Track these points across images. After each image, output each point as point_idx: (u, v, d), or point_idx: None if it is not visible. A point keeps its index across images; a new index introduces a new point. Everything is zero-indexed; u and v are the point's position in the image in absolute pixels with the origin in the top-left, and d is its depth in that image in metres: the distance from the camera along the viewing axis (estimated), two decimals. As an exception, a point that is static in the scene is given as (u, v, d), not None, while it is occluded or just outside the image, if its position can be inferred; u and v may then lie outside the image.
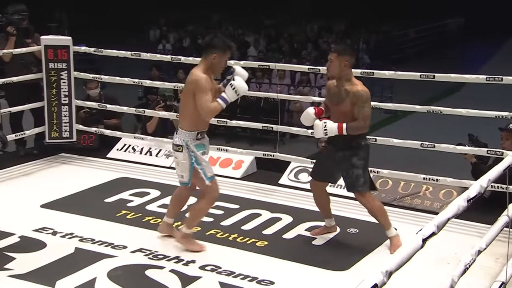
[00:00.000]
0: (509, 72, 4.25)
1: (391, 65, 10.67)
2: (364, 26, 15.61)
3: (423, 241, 1.79)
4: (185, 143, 3.41)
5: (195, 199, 3.78)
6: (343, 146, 3.54)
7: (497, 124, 4.40)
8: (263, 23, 16.81)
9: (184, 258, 3.45)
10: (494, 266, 3.25)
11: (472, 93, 9.72)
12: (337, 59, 3.48)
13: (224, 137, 9.05)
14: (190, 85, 3.37)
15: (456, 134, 4.80)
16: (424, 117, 5.71)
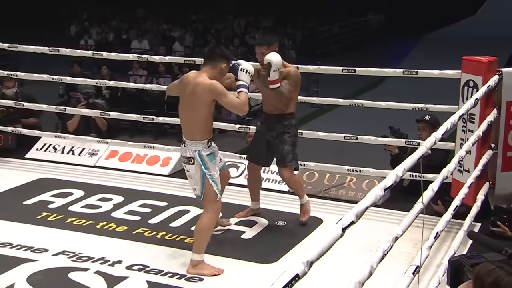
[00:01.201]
0: (426, 66, 4.45)
1: (317, 60, 10.88)
2: (290, 22, 15.84)
3: (343, 230, 1.80)
4: (198, 152, 3.29)
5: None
6: (275, 125, 3.78)
7: (416, 116, 4.58)
8: (190, 18, 16.63)
9: (110, 258, 3.37)
10: (412, 251, 3.38)
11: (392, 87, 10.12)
12: (269, 50, 3.66)
13: (151, 134, 8.91)
14: (205, 95, 3.24)
15: (380, 127, 4.97)
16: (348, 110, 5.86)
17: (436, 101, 4.39)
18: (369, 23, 18.53)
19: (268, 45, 3.69)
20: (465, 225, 3.43)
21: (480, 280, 1.76)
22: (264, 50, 3.67)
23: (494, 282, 1.73)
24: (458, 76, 3.94)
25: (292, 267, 1.55)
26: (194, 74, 3.36)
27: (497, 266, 1.76)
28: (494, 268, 1.76)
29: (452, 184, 3.94)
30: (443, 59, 6.88)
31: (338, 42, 16.37)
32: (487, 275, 1.75)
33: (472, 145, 3.42)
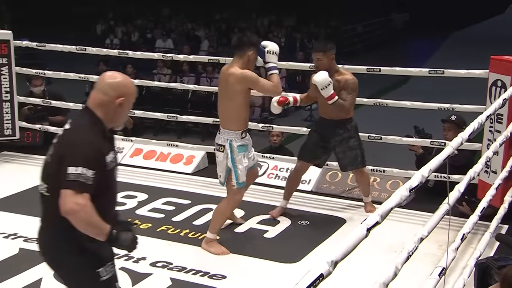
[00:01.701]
0: (452, 65, 4.38)
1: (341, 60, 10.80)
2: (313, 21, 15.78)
3: (367, 230, 1.79)
4: (229, 142, 3.42)
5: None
6: (337, 130, 3.86)
7: (441, 116, 4.52)
8: (214, 17, 16.70)
9: (134, 255, 3.37)
10: (437, 253, 3.35)
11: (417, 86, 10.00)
12: (325, 56, 3.73)
13: (175, 133, 8.96)
14: (237, 85, 3.37)
15: (404, 126, 4.91)
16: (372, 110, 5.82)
17: (462, 101, 4.32)
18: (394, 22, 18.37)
19: (324, 51, 3.73)
20: (491, 227, 3.38)
21: (508, 282, 1.75)
22: (320, 56, 3.73)
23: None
24: (485, 75, 3.88)
25: (317, 267, 1.54)
26: (227, 66, 3.48)
27: None
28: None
29: (479, 185, 3.88)
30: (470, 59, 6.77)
31: (362, 41, 16.25)
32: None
33: (499, 146, 3.36)
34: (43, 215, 2.22)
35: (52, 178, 2.12)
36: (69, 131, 2.15)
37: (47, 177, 2.16)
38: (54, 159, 2.13)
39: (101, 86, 2.16)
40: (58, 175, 2.06)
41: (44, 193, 2.17)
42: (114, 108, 2.15)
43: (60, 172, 2.05)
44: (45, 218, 2.21)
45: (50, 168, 2.15)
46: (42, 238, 2.22)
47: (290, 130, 4.99)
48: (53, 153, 2.16)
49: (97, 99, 2.16)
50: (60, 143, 2.15)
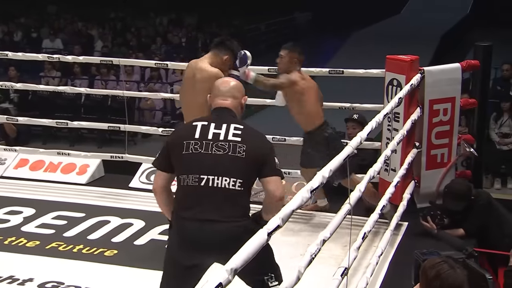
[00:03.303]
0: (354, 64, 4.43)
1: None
2: (215, 20, 15.66)
3: (268, 235, 1.77)
4: None
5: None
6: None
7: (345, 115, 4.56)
8: (108, 15, 16.04)
9: (20, 277, 3.18)
10: (341, 254, 3.35)
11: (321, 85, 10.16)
12: (288, 55, 3.70)
13: (67, 140, 8.46)
14: (205, 83, 3.16)
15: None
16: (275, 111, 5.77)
17: (365, 100, 4.37)
18: (297, 21, 18.72)
19: (289, 50, 3.73)
20: (391, 225, 3.42)
21: (425, 273, 1.77)
22: (283, 53, 3.73)
23: (435, 275, 1.77)
24: (382, 75, 3.95)
25: (215, 276, 1.52)
26: (196, 60, 3.39)
27: (442, 260, 1.77)
28: (438, 262, 1.78)
29: (379, 184, 3.93)
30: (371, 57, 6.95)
31: (265, 40, 16.40)
32: (431, 269, 1.77)
33: (397, 144, 3.42)
34: (221, 206, 2.29)
35: (243, 171, 2.32)
36: (247, 130, 2.40)
37: (235, 172, 2.30)
38: (246, 155, 2.32)
39: (229, 90, 2.48)
40: (259, 168, 2.34)
41: (230, 187, 2.29)
42: (242, 107, 2.52)
43: (263, 164, 2.35)
44: (225, 210, 2.29)
45: (234, 162, 2.31)
46: (216, 229, 2.27)
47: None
48: (238, 150, 2.32)
49: (231, 102, 2.46)
50: (248, 142, 2.35)
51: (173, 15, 16.12)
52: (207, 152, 2.32)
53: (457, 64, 3.91)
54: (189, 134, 2.38)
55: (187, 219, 2.30)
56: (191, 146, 2.34)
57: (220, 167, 2.30)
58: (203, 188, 2.29)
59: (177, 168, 2.38)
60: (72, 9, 15.96)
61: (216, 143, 2.33)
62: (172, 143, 2.42)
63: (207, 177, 2.29)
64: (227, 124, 2.38)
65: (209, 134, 2.36)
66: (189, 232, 2.29)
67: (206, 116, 2.53)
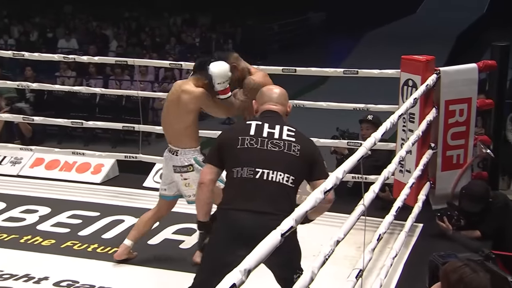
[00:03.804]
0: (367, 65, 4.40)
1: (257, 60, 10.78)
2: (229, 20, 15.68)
3: (282, 236, 1.76)
4: (195, 159, 3.28)
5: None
6: None
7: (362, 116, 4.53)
8: (123, 15, 16.13)
9: (35, 275, 3.19)
10: (355, 255, 3.33)
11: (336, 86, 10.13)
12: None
13: (82, 140, 8.53)
14: (190, 105, 3.22)
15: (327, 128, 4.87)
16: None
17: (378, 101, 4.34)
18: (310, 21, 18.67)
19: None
20: (406, 226, 3.40)
21: (446, 277, 1.75)
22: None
23: (458, 279, 1.74)
24: (397, 75, 3.92)
25: (229, 276, 1.52)
26: (180, 82, 3.37)
27: (464, 264, 1.76)
28: (460, 265, 1.76)
29: (394, 185, 3.91)
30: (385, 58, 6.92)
31: (279, 40, 16.38)
32: (453, 272, 1.75)
33: (412, 145, 3.40)
34: (276, 199, 2.35)
35: (297, 169, 2.41)
36: (299, 133, 2.51)
37: (289, 169, 2.38)
38: (300, 155, 2.42)
39: (278, 97, 2.59)
40: (310, 169, 2.45)
41: (284, 182, 2.36)
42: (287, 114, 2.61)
43: (314, 166, 2.47)
44: (279, 204, 2.34)
45: (290, 160, 2.40)
46: (269, 223, 2.17)
47: (206, 134, 4.82)
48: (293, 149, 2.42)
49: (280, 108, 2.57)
50: (302, 143, 2.46)
51: (187, 15, 16.16)
52: (262, 148, 2.39)
53: (474, 64, 3.87)
54: (243, 130, 2.45)
55: (239, 210, 2.33)
56: (246, 141, 2.41)
57: (275, 162, 2.37)
58: (258, 181, 2.34)
59: (230, 162, 2.43)
60: (87, 9, 16.06)
61: (271, 140, 2.41)
62: (226, 138, 2.50)
63: (262, 171, 2.34)
64: (280, 125, 2.47)
65: (263, 132, 2.43)
66: (239, 224, 2.32)
67: (258, 117, 2.56)
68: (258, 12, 16.37)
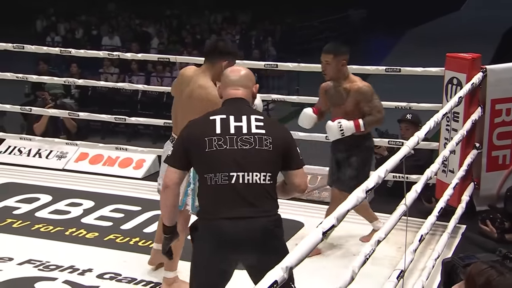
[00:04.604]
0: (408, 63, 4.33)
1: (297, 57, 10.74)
2: (268, 17, 15.68)
3: (323, 234, 1.76)
4: None
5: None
6: (348, 147, 3.42)
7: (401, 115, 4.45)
8: (164, 13, 16.34)
9: (80, 267, 3.26)
10: (396, 255, 3.29)
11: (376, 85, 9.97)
12: (334, 60, 3.33)
13: (124, 136, 8.69)
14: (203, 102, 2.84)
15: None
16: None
17: (421, 99, 4.27)
18: (351, 19, 18.48)
19: (334, 54, 3.32)
20: (449, 227, 3.34)
21: (472, 280, 1.72)
22: (328, 59, 3.33)
23: (486, 282, 1.70)
24: (441, 73, 3.84)
25: (271, 273, 1.52)
26: (194, 71, 3.00)
27: (489, 266, 1.73)
28: (486, 268, 1.72)
29: (437, 185, 3.84)
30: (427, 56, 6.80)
31: (318, 38, 16.28)
32: (479, 275, 1.71)
33: (456, 145, 3.33)
34: (254, 203, 2.21)
35: (272, 164, 2.24)
36: (268, 120, 2.33)
37: (264, 166, 2.22)
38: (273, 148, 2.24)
39: (240, 80, 2.36)
40: (284, 159, 2.26)
41: (261, 182, 2.21)
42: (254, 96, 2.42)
43: (289, 156, 2.27)
44: (259, 206, 2.21)
45: (263, 156, 2.22)
46: (252, 226, 2.19)
47: None
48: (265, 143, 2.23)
49: (244, 92, 2.36)
50: (272, 133, 2.26)
51: (227, 13, 16.25)
52: (232, 148, 2.20)
53: (522, 62, 3.77)
54: (209, 129, 2.23)
55: (222, 219, 2.19)
56: (214, 143, 2.21)
57: (249, 162, 2.19)
58: (235, 186, 2.18)
59: (201, 167, 2.24)
60: (129, 7, 16.35)
61: (240, 137, 2.21)
62: (190, 140, 2.26)
63: (236, 174, 2.18)
64: (246, 115, 2.26)
65: (230, 128, 2.23)
66: (225, 232, 2.18)
67: (221, 109, 2.33)
68: (297, 10, 16.31)
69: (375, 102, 3.37)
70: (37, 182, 4.55)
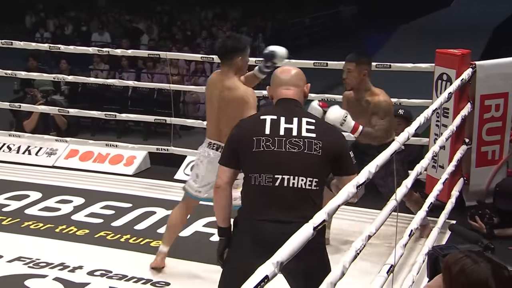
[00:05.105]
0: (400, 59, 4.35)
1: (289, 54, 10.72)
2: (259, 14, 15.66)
3: (314, 229, 1.76)
4: None
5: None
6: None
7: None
8: (155, 9, 16.27)
9: (70, 264, 3.26)
10: (386, 250, 3.31)
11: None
12: (356, 69, 3.32)
13: (114, 132, 8.65)
14: (237, 102, 2.96)
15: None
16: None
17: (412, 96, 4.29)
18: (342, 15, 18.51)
19: (357, 63, 3.32)
20: (439, 222, 3.36)
21: (448, 269, 1.74)
22: (351, 67, 3.33)
23: (460, 270, 1.70)
24: (431, 69, 3.86)
25: (262, 268, 1.53)
26: (219, 76, 3.07)
27: (465, 255, 1.75)
28: (461, 256, 1.74)
29: (427, 181, 3.86)
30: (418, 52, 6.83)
31: (309, 34, 16.28)
32: (454, 264, 1.74)
33: (446, 140, 3.35)
34: (296, 207, 2.19)
35: (319, 170, 2.22)
36: (321, 124, 2.31)
37: (311, 171, 2.20)
38: (322, 153, 2.21)
39: (291, 79, 2.35)
40: (334, 164, 2.24)
41: (306, 187, 2.19)
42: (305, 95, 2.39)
43: (340, 161, 2.25)
44: (302, 211, 2.16)
45: (310, 161, 2.20)
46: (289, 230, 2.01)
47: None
48: (314, 147, 2.21)
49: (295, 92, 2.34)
50: (323, 138, 2.23)
51: (218, 9, 16.21)
52: (280, 150, 2.19)
53: (510, 58, 3.79)
54: (258, 129, 2.23)
55: (263, 221, 2.17)
56: (262, 143, 2.20)
57: (295, 166, 2.18)
58: (278, 189, 2.17)
59: (247, 166, 2.24)
60: (120, 3, 16.26)
61: (289, 139, 2.20)
62: (239, 139, 2.26)
63: (281, 177, 2.17)
64: (298, 118, 2.23)
65: (280, 129, 2.21)
66: (263, 234, 2.15)
67: (272, 108, 2.32)
68: (288, 6, 16.30)
69: (386, 121, 3.34)
70: (26, 179, 4.53)
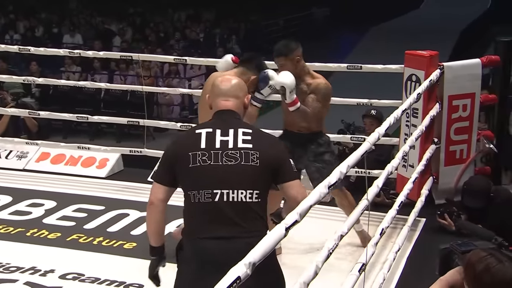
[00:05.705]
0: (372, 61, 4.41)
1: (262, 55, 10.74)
2: (233, 15, 15.66)
3: (286, 229, 1.77)
4: None
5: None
6: (308, 145, 3.34)
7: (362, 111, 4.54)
8: (127, 11, 16.12)
9: (42, 268, 3.22)
10: (359, 249, 3.35)
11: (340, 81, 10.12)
12: (288, 60, 3.25)
13: (87, 134, 8.56)
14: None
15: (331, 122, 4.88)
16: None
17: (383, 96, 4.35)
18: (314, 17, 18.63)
19: (286, 55, 3.25)
20: (409, 221, 3.42)
21: (472, 267, 1.76)
22: (282, 62, 3.25)
23: (485, 269, 1.74)
24: (401, 70, 3.93)
25: (234, 269, 1.52)
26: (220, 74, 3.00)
27: (489, 254, 1.78)
28: (485, 255, 1.77)
29: (397, 180, 3.92)
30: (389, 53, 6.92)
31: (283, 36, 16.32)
32: (478, 262, 1.76)
33: (415, 140, 3.40)
34: (239, 222, 2.11)
35: (259, 181, 2.14)
36: (257, 134, 2.20)
37: (250, 183, 2.12)
38: (260, 163, 2.13)
39: (230, 90, 2.25)
40: (275, 173, 2.15)
41: (247, 200, 2.11)
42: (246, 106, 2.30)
43: (280, 169, 2.15)
44: (244, 226, 2.11)
45: (249, 172, 2.12)
46: (237, 247, 2.04)
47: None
48: (251, 158, 2.13)
49: (234, 103, 2.24)
50: (260, 148, 2.16)
51: (191, 11, 16.15)
52: (217, 164, 2.10)
53: (477, 59, 3.88)
54: (193, 144, 2.13)
55: (205, 239, 2.10)
56: (198, 158, 2.11)
57: (233, 179, 2.09)
58: (218, 204, 2.08)
59: (185, 183, 2.14)
60: (92, 4, 16.07)
61: (225, 152, 2.11)
62: (175, 155, 2.16)
63: (220, 192, 2.08)
64: (234, 129, 2.15)
65: (216, 142, 2.12)
66: (208, 253, 2.09)
67: (209, 122, 2.24)
68: (261, 8, 16.35)
69: (322, 105, 3.31)
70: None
